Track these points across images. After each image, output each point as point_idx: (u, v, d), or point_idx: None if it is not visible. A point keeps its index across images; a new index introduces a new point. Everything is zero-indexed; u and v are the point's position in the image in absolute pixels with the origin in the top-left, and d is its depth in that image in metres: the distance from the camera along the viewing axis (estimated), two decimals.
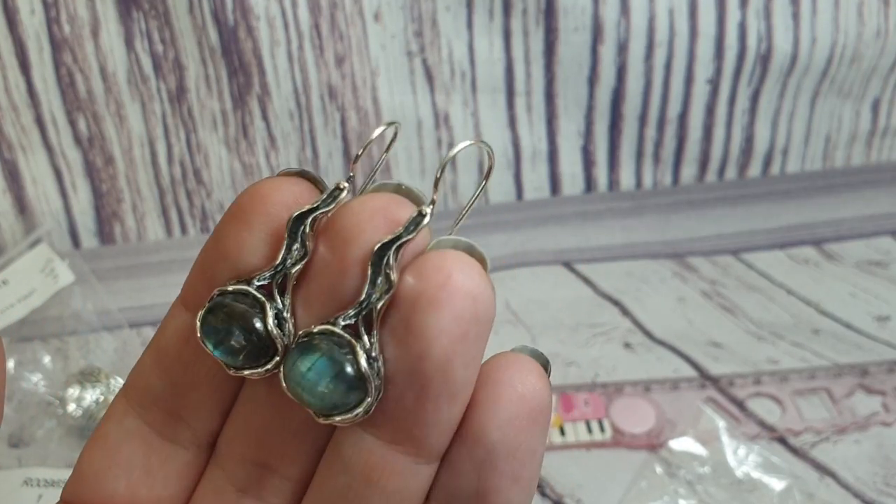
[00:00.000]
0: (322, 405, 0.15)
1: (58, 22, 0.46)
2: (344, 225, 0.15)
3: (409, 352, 0.15)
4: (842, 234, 0.52)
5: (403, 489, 0.16)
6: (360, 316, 0.15)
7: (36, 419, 0.39)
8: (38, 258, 0.46)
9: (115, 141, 0.49)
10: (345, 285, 0.15)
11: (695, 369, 0.41)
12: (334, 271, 0.15)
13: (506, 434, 0.15)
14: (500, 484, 0.16)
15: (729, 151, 0.53)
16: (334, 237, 0.15)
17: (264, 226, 0.16)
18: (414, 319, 0.14)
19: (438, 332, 0.14)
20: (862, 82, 0.52)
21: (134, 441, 0.18)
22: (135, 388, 0.18)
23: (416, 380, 0.15)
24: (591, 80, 0.50)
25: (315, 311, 0.16)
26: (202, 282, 0.16)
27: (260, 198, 0.16)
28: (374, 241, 0.15)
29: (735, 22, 0.49)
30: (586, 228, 0.52)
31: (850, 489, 0.36)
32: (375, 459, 0.16)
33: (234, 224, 0.16)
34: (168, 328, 0.17)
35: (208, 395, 0.17)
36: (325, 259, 0.15)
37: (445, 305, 0.14)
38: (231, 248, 0.16)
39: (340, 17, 0.48)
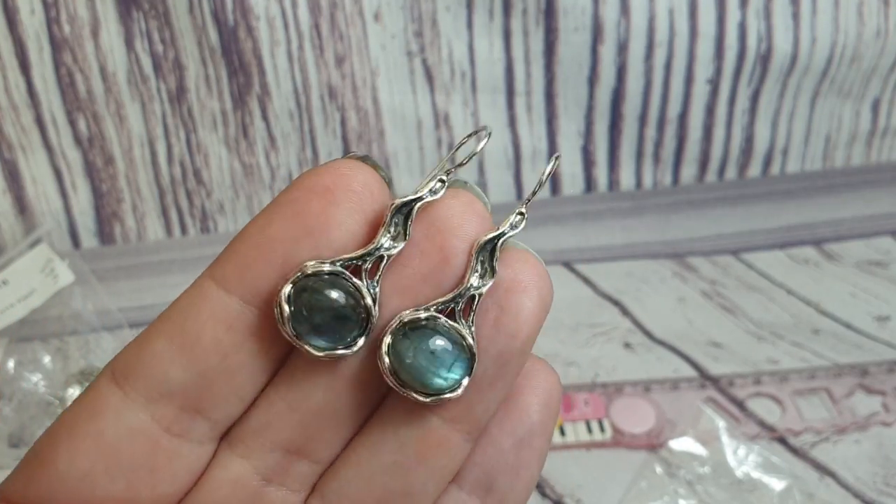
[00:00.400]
0: (440, 386, 0.16)
1: (58, 22, 0.46)
2: (445, 217, 0.16)
3: (503, 332, 0.16)
4: (842, 234, 0.52)
5: (448, 465, 0.17)
6: (459, 302, 0.16)
7: (36, 419, 0.39)
8: (38, 258, 0.46)
9: (115, 141, 0.49)
10: (444, 272, 0.16)
11: (695, 369, 0.41)
12: (434, 259, 0.16)
13: (542, 416, 0.18)
14: (531, 460, 0.18)
15: (729, 151, 0.53)
16: (433, 228, 0.16)
17: (353, 204, 0.16)
18: (511, 302, 0.16)
19: (529, 315, 0.16)
20: (862, 82, 0.52)
21: (137, 439, 0.16)
22: (143, 378, 0.16)
23: (502, 357, 0.16)
24: (591, 80, 0.50)
25: (409, 297, 0.16)
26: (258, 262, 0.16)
27: (344, 178, 0.16)
28: (472, 234, 0.16)
29: (735, 22, 0.49)
30: (586, 228, 0.52)
31: (850, 489, 0.36)
32: (434, 437, 0.17)
33: (320, 201, 0.16)
34: (202, 314, 0.16)
35: (242, 384, 0.16)
36: (426, 248, 0.16)
37: (536, 292, 0.17)
38: (318, 225, 0.16)
39: (340, 17, 0.48)
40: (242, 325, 0.16)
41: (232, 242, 0.16)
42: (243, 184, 0.51)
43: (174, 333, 0.16)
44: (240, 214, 0.51)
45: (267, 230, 0.16)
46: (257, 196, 0.51)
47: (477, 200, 0.17)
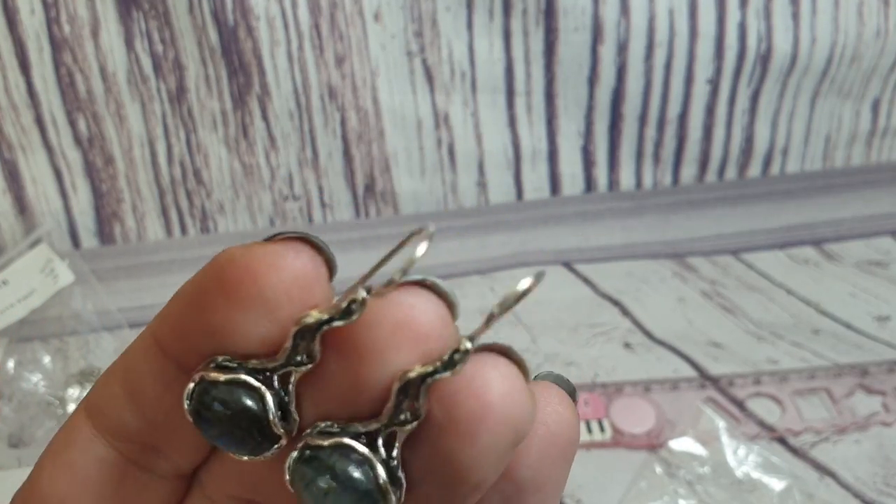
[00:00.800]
0: None
1: (58, 22, 0.46)
2: (361, 342, 0.14)
3: (440, 477, 0.14)
4: (842, 234, 0.52)
5: None
6: (381, 434, 0.14)
7: (36, 419, 0.39)
8: (38, 258, 0.46)
9: (115, 141, 0.49)
10: (360, 402, 0.14)
11: (695, 369, 0.41)
12: (348, 387, 0.14)
13: (536, 472, 0.15)
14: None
15: (729, 151, 0.53)
16: (350, 353, 0.14)
17: (261, 310, 0.14)
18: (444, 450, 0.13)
19: (472, 466, 0.13)
20: (862, 82, 0.52)
21: (105, 470, 0.16)
22: (104, 417, 0.16)
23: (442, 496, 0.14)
24: (591, 80, 0.50)
25: (324, 413, 0.14)
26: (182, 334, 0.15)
27: (253, 278, 0.14)
28: (395, 364, 0.13)
29: (735, 22, 0.49)
30: (586, 228, 0.52)
31: (850, 489, 0.35)
32: None
33: (224, 301, 0.14)
34: (142, 367, 0.16)
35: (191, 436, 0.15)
36: (340, 373, 0.14)
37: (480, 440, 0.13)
38: (219, 327, 0.14)
39: (340, 17, 0.48)
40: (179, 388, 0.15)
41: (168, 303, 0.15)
42: (243, 184, 0.51)
43: (125, 380, 0.16)
44: (240, 214, 0.51)
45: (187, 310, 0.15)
46: (257, 196, 0.51)
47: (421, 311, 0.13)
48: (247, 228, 0.52)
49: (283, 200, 0.51)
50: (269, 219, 0.52)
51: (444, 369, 0.13)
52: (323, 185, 0.51)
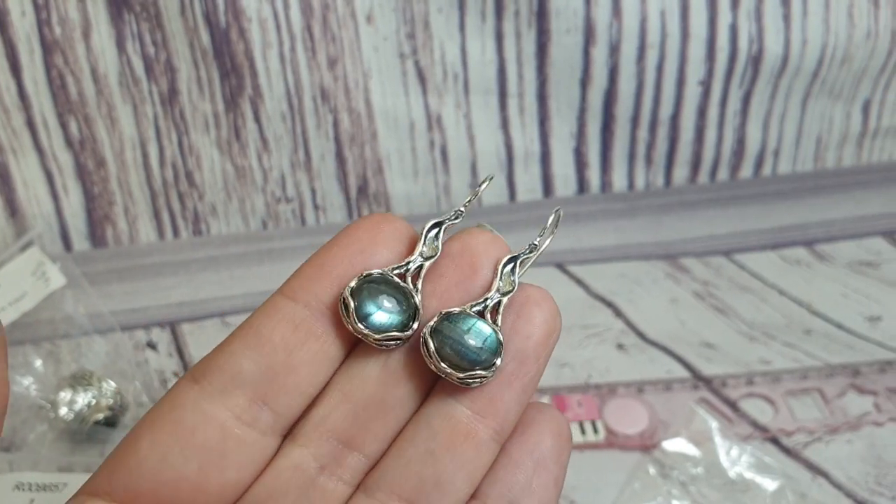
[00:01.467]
0: (475, 360, 0.19)
1: (49, 24, 0.46)
2: (475, 242, 0.21)
3: (520, 333, 0.20)
4: (833, 234, 0.52)
5: (476, 460, 0.19)
6: (487, 306, 0.20)
7: (27, 423, 0.38)
8: (30, 261, 0.46)
9: (107, 143, 0.49)
10: (473, 282, 0.20)
11: (687, 370, 0.42)
12: (466, 271, 0.20)
13: (557, 443, 0.20)
14: (548, 483, 0.20)
15: (721, 153, 0.54)
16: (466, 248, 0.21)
17: (395, 233, 0.20)
18: (526, 311, 0.20)
19: (541, 321, 0.20)
20: (852, 83, 0.53)
21: (210, 425, 0.19)
22: (217, 374, 0.19)
23: (519, 355, 0.20)
24: (583, 82, 0.50)
25: (441, 299, 0.20)
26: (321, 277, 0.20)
27: (387, 218, 0.21)
28: (495, 256, 0.21)
29: (726, 24, 0.49)
30: (579, 230, 0.52)
31: (843, 489, 0.36)
32: (462, 427, 0.19)
33: (370, 230, 0.20)
34: (270, 318, 0.19)
35: (304, 378, 0.19)
36: (457, 261, 0.20)
37: (547, 308, 0.20)
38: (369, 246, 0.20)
39: (332, 18, 0.47)
40: (306, 326, 0.19)
41: (299, 268, 0.20)
42: (236, 186, 0.50)
43: (247, 335, 0.19)
44: (232, 217, 0.51)
45: (327, 252, 0.20)
46: (250, 198, 0.51)
47: (497, 236, 0.21)
48: (239, 231, 0.52)
49: (275, 202, 0.51)
50: (262, 221, 0.52)
51: (527, 252, 0.21)
52: (316, 187, 0.51)
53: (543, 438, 0.20)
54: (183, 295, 0.47)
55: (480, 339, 0.19)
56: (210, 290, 0.48)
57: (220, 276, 0.50)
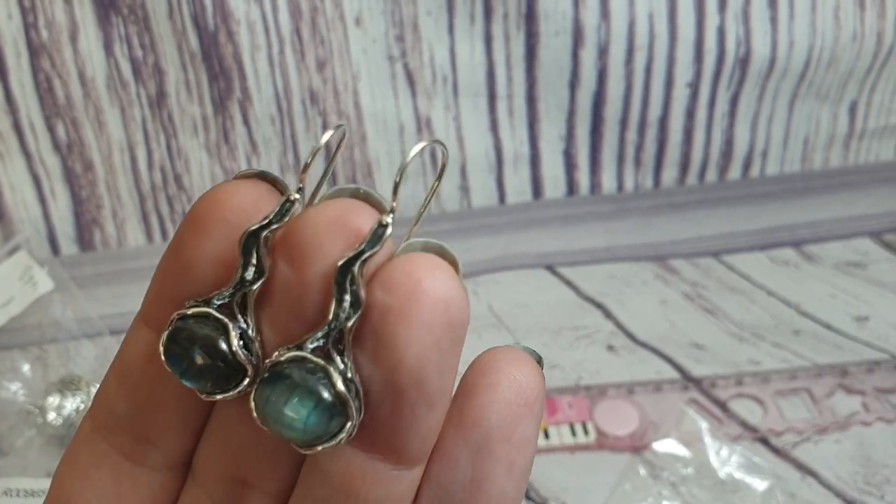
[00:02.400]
0: (305, 438, 0.14)
1: (35, 27, 0.45)
2: (300, 240, 0.14)
3: (382, 365, 0.14)
4: (821, 235, 0.52)
5: (386, 497, 0.15)
6: (330, 337, 0.14)
7: (15, 428, 0.38)
8: (17, 265, 0.45)
9: (95, 147, 0.48)
10: (308, 304, 0.14)
11: (677, 371, 0.42)
12: (295, 290, 0.14)
13: (503, 418, 0.15)
14: (494, 471, 0.15)
15: (709, 154, 0.54)
16: (291, 253, 0.14)
17: (224, 235, 0.15)
18: (384, 333, 0.14)
19: (409, 343, 0.14)
20: (839, 85, 0.53)
21: (103, 466, 0.17)
22: (100, 410, 0.17)
23: (391, 391, 0.14)
24: (572, 84, 0.51)
25: (281, 332, 0.15)
26: (162, 298, 0.16)
27: (217, 204, 0.15)
28: (333, 256, 0.14)
29: (714, 26, 0.49)
30: (568, 232, 0.52)
31: (832, 489, 0.36)
32: (355, 470, 0.15)
33: (192, 234, 0.15)
34: (130, 348, 0.16)
35: (177, 415, 0.16)
36: (285, 277, 0.15)
37: (416, 316, 0.14)
38: (190, 261, 0.15)
39: (321, 21, 0.47)
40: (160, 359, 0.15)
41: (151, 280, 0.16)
42: None
43: (116, 369, 0.17)
44: None
45: (162, 267, 0.16)
46: None
47: (355, 209, 0.14)
48: None
49: None
50: None
51: (370, 246, 0.14)
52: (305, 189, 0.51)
53: (483, 417, 0.15)
54: None
55: (305, 412, 0.14)
56: None
57: None
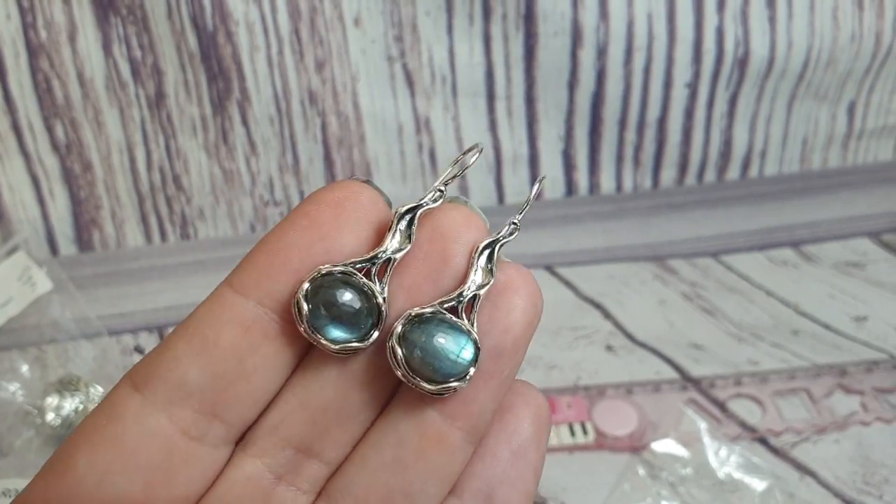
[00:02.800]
0: (454, 371, 0.17)
1: (34, 27, 0.45)
2: (446, 225, 0.18)
3: (497, 327, 0.18)
4: (819, 235, 0.52)
5: (449, 465, 0.18)
6: (462, 301, 0.17)
7: (14, 429, 0.38)
8: (16, 266, 0.45)
9: (94, 147, 0.48)
10: (445, 273, 0.18)
11: (676, 371, 0.42)
12: (436, 262, 0.18)
13: (535, 429, 0.19)
14: (527, 473, 0.19)
15: (708, 154, 0.54)
16: (436, 234, 0.18)
17: (361, 214, 0.18)
18: (504, 301, 0.18)
19: (521, 312, 0.18)
20: (838, 85, 0.53)
21: (155, 442, 0.17)
22: (161, 383, 0.17)
23: (496, 352, 0.18)
24: (570, 85, 0.51)
25: (411, 295, 0.18)
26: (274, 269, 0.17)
27: (353, 192, 0.18)
28: (470, 241, 0.18)
29: (713, 26, 0.49)
30: (567, 232, 0.52)
31: (831, 488, 0.36)
32: (433, 432, 0.18)
33: (332, 211, 0.17)
34: (220, 318, 0.17)
35: (258, 385, 0.17)
36: (426, 250, 0.18)
37: (527, 294, 0.18)
38: (330, 232, 0.17)
39: (320, 21, 0.47)
40: (259, 328, 0.17)
41: (248, 253, 0.18)
42: (223, 189, 0.50)
43: (193, 338, 0.17)
44: (220, 220, 0.51)
45: (283, 238, 0.17)
46: (237, 202, 0.51)
47: (474, 213, 0.18)
48: (227, 234, 0.51)
49: (263, 206, 0.51)
50: (250, 224, 0.51)
51: (505, 236, 0.18)
52: (304, 190, 0.51)
53: (522, 425, 0.19)
54: (170, 299, 0.47)
55: (456, 348, 0.17)
56: (198, 294, 0.48)
57: (208, 280, 0.49)
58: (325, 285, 0.17)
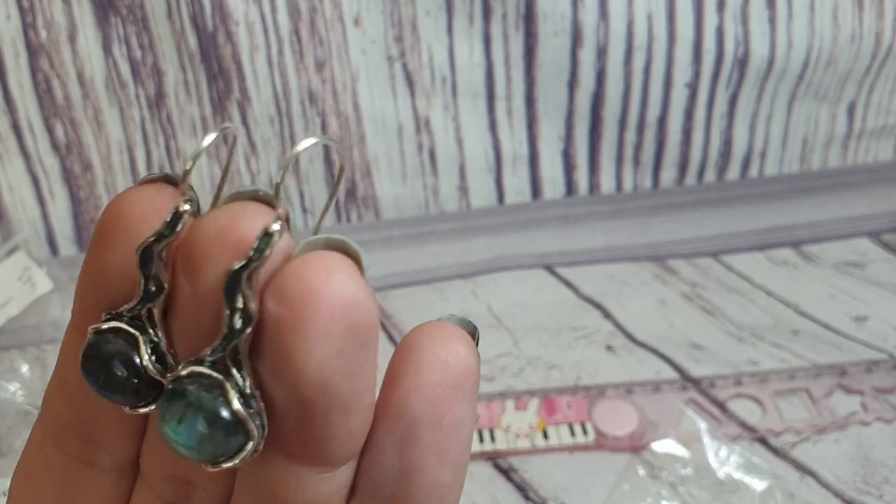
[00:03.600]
0: (205, 457, 0.14)
1: (34, 27, 0.45)
2: (191, 251, 0.14)
3: (282, 380, 0.13)
4: (819, 235, 0.52)
5: (315, 499, 0.15)
6: (227, 351, 0.14)
7: (14, 429, 0.38)
8: (16, 266, 0.45)
9: (94, 147, 0.48)
10: (204, 318, 0.14)
11: (676, 371, 0.42)
12: (190, 304, 0.14)
13: (428, 403, 0.14)
14: (424, 460, 0.15)
15: (708, 154, 0.54)
16: (186, 266, 0.14)
17: (129, 248, 0.14)
18: (280, 347, 0.13)
19: (307, 356, 0.13)
20: (838, 85, 0.53)
21: (55, 470, 0.17)
22: (47, 416, 0.17)
23: (297, 404, 0.14)
24: (570, 85, 0.51)
25: (187, 345, 0.14)
26: (84, 308, 0.15)
27: (119, 215, 0.14)
28: (222, 268, 0.13)
29: (713, 26, 0.49)
30: (567, 232, 0.52)
31: (831, 489, 0.36)
32: (280, 476, 0.15)
33: (99, 246, 0.15)
34: (66, 356, 0.16)
35: (117, 418, 0.16)
36: (183, 290, 0.14)
37: (311, 326, 0.13)
38: (102, 273, 0.15)
39: (320, 21, 0.47)
40: None
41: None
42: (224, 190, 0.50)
43: (57, 376, 0.17)
44: None
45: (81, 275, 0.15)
46: None
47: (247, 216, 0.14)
48: None
49: None
50: None
51: (257, 255, 0.13)
52: (304, 190, 0.51)
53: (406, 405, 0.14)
54: None
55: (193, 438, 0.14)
56: None
57: None
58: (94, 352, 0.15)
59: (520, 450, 0.37)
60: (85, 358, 0.15)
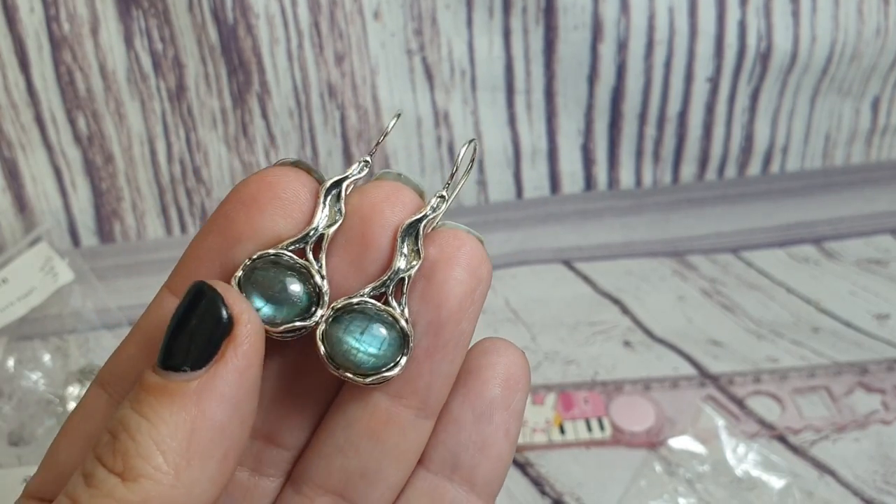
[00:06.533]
0: (377, 363, 0.17)
1: (57, 20, 0.46)
2: (366, 206, 0.17)
3: (430, 303, 0.17)
4: (841, 232, 0.52)
5: (402, 443, 0.18)
6: (390, 285, 0.17)
7: (36, 417, 0.39)
8: (38, 257, 0.46)
9: (115, 139, 0.49)
10: (368, 259, 0.17)
11: (694, 368, 0.42)
12: (357, 247, 0.17)
13: (504, 390, 0.18)
14: (495, 435, 0.18)
15: (729, 150, 0.53)
16: (356, 217, 0.17)
17: (277, 209, 0.17)
18: (436, 275, 0.17)
19: (455, 283, 0.17)
20: (862, 80, 0.52)
21: None
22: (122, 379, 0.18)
23: (433, 327, 0.17)
24: (590, 79, 0.50)
25: (338, 281, 0.17)
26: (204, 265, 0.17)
27: (269, 185, 0.17)
28: (394, 221, 0.17)
29: (735, 20, 0.49)
30: (586, 227, 0.52)
31: (850, 487, 0.36)
32: (380, 414, 0.18)
33: (246, 210, 0.17)
34: (156, 316, 0.18)
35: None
36: (348, 236, 0.17)
37: (461, 264, 0.17)
38: (242, 233, 0.17)
39: (340, 15, 0.47)
40: None
41: (181, 256, 0.18)
42: None
43: (140, 338, 0.18)
44: None
45: (204, 242, 0.17)
46: None
47: (403, 188, 0.18)
48: None
49: None
50: None
51: (431, 212, 0.17)
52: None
53: (487, 389, 0.18)
54: None
55: (376, 344, 0.17)
56: None
57: None
58: (258, 269, 0.17)
59: (536, 444, 0.37)
60: (245, 279, 0.17)
